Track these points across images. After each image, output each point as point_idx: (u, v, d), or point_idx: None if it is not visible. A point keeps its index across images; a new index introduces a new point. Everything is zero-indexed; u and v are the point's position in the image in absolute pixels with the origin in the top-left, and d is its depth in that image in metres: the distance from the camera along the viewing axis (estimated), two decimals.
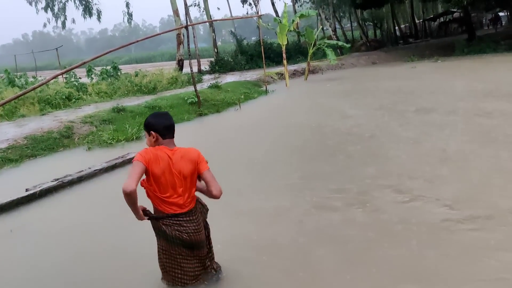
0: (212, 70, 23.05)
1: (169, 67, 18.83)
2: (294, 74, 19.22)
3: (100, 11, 19.59)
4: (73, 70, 15.57)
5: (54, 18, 19.48)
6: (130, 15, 20.50)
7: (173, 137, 2.84)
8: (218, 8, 28.36)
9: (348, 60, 23.55)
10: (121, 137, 8.06)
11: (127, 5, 20.25)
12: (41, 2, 19.51)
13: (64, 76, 15.22)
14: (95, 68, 15.85)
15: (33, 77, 16.34)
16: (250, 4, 30.22)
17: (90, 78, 15.26)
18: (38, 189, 5.08)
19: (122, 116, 9.45)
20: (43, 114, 10.49)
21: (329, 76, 18.61)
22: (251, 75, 18.16)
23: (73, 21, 20.15)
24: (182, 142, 3.03)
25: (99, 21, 19.58)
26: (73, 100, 12.56)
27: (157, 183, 2.69)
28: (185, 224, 2.76)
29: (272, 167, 5.88)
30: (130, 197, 2.50)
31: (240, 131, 8.88)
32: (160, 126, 2.77)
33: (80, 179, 5.58)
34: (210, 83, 14.15)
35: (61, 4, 19.38)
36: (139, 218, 2.70)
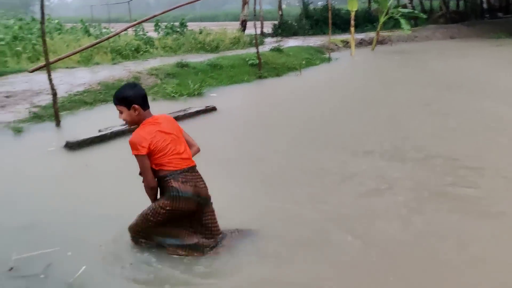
0: (275, 33, 22.76)
1: (231, 27, 18.87)
2: (360, 44, 18.47)
3: None
4: (141, 24, 16.17)
5: None
6: None
7: (148, 107, 2.87)
8: None
9: (422, 32, 21.95)
10: (184, 91, 8.40)
11: None
12: None
13: (134, 29, 15.86)
14: (162, 23, 16.24)
15: (105, 28, 17.13)
16: None
17: (157, 32, 15.72)
18: (109, 131, 5.52)
19: (185, 71, 9.76)
20: (114, 63, 11.10)
21: (399, 49, 17.69)
22: (314, 41, 17.73)
23: None
24: (242, 103, 3.18)
25: None
26: (141, 52, 13.11)
27: (165, 149, 2.76)
28: (198, 179, 2.91)
29: (328, 128, 6.02)
30: (154, 191, 2.83)
31: (299, 96, 8.89)
32: (139, 97, 2.77)
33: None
34: (272, 46, 14.07)
35: None
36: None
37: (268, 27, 23.91)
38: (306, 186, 4.22)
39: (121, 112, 2.80)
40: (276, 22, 24.42)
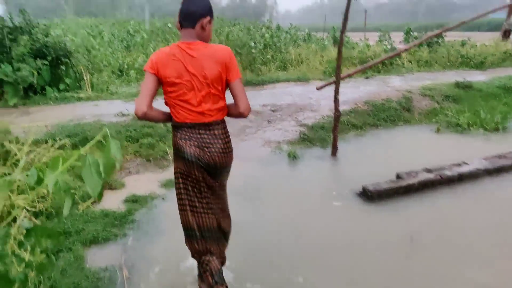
0: None
1: (479, 38, 15.28)
2: None
3: None
4: (388, 33, 14.55)
5: None
6: None
7: (192, 26, 2.12)
8: None
9: None
10: (476, 122, 6.28)
11: None
12: None
13: (378, 38, 14.43)
14: (413, 32, 14.20)
15: (346, 37, 16.20)
16: None
17: (405, 42, 13.80)
18: (415, 180, 3.97)
19: (468, 94, 7.59)
20: (367, 77, 9.83)
21: None
22: None
23: None
24: None
25: None
26: (393, 65, 11.50)
27: (174, 87, 2.13)
28: (208, 140, 2.18)
29: None
30: (146, 119, 2.16)
31: None
32: (180, 11, 2.14)
33: (461, 178, 4.18)
34: None
35: None
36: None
37: None
38: None
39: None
40: None
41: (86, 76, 8.07)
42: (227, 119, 2.29)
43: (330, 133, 5.90)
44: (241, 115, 2.22)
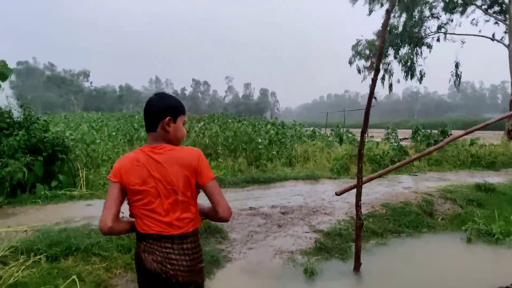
0: None
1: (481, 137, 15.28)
2: None
3: (424, 73, 18.43)
4: (395, 131, 14.53)
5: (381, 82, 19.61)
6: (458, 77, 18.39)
7: (154, 129, 2.02)
8: None
9: None
10: (508, 230, 5.62)
11: (456, 65, 18.17)
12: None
13: (385, 136, 14.39)
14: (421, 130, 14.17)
15: (351, 134, 16.22)
16: None
17: (414, 141, 13.68)
18: None
19: (491, 198, 7.03)
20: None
21: None
22: None
23: (398, 81, 19.74)
24: None
25: (420, 82, 18.42)
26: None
27: (139, 195, 1.98)
28: (173, 256, 1.97)
29: None
30: (113, 234, 2.17)
31: None
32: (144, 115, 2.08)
33: None
34: None
35: (388, 66, 19.37)
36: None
37: None
38: None
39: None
40: None
41: (82, 172, 7.62)
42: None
43: (349, 241, 5.24)
44: (221, 220, 2.05)
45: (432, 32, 18.94)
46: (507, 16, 18.19)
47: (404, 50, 18.72)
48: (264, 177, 8.47)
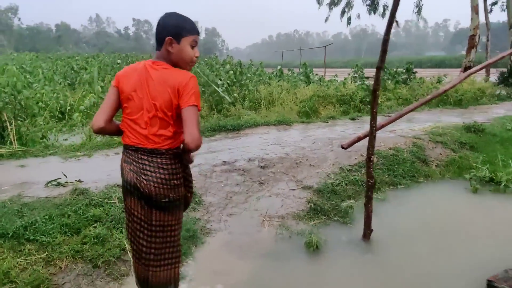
0: (504, 84, 18.10)
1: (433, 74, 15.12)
2: None
3: (387, 7, 17.47)
4: (360, 70, 13.85)
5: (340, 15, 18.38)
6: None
7: (159, 49, 2.05)
8: None
9: None
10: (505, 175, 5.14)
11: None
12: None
13: (352, 75, 13.67)
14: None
15: (316, 74, 15.27)
16: None
17: (382, 80, 13.04)
18: None
19: (484, 140, 6.55)
20: (352, 118, 8.71)
21: None
22: None
23: (358, 16, 18.63)
24: None
25: (383, 17, 17.55)
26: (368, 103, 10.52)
27: (127, 103, 2.04)
28: (148, 167, 2.00)
29: None
30: (103, 134, 2.23)
31: None
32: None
33: None
34: None
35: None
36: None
37: (492, 75, 19.39)
38: None
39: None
40: (505, 69, 19.81)
41: (12, 124, 6.18)
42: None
43: (345, 199, 4.50)
44: (185, 146, 1.92)
45: None
46: None
47: None
48: (232, 124, 7.45)
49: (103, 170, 4.79)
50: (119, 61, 19.20)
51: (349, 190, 4.69)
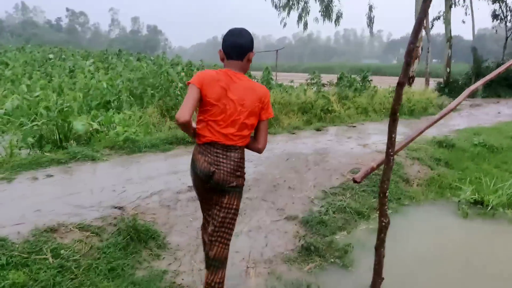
0: (440, 93, 18.94)
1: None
2: None
3: (341, 14, 17.45)
4: (318, 75, 13.50)
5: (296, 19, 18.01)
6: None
7: (240, 59, 2.29)
8: (463, 22, 23.21)
9: None
10: (484, 194, 4.84)
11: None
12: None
13: (308, 81, 13.25)
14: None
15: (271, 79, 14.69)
16: (501, 19, 24.25)
17: (339, 88, 12.70)
18: None
19: (455, 156, 6.31)
20: (318, 129, 8.20)
21: None
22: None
23: (316, 20, 18.28)
24: None
25: (336, 24, 17.43)
26: (330, 113, 10.11)
27: (211, 107, 2.24)
28: (221, 159, 2.26)
29: None
30: (185, 128, 2.21)
31: None
32: (227, 43, 2.29)
33: None
34: None
35: (304, 4, 17.82)
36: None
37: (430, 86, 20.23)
38: None
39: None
40: (441, 79, 20.76)
41: None
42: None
43: (336, 231, 3.88)
44: (258, 150, 2.39)
45: None
46: None
47: None
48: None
49: (29, 203, 3.59)
50: (51, 55, 17.30)
51: (339, 220, 4.08)
